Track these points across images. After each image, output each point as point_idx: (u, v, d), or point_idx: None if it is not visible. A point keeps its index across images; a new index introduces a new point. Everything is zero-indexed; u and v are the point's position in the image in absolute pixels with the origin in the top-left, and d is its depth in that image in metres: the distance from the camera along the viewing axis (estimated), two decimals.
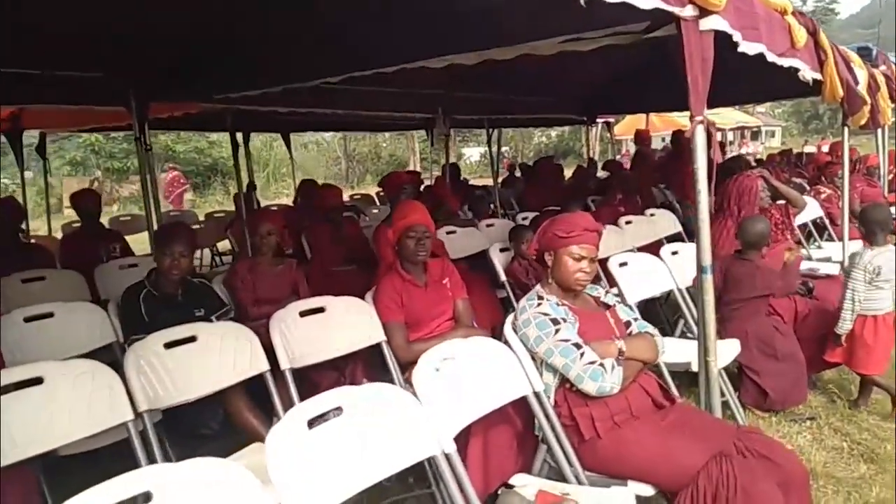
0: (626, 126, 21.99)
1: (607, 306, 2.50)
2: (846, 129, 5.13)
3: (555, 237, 2.39)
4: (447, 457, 1.85)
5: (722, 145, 9.58)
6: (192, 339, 2.47)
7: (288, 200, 15.76)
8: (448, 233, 5.16)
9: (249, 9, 3.11)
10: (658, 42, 2.83)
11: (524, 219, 5.92)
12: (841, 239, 6.01)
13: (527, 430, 2.42)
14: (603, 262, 3.65)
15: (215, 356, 2.47)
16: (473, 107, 7.64)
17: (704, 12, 2.33)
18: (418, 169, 29.99)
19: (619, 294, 3.49)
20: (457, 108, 7.32)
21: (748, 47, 2.83)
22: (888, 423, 3.40)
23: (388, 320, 2.86)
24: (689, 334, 3.72)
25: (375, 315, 2.87)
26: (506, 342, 2.35)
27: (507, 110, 8.24)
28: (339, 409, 1.76)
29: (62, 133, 20.62)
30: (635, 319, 2.50)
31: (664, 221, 5.69)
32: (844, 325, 3.43)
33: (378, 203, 9.30)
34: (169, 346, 2.40)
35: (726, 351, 3.38)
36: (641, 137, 9.35)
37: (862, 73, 5.02)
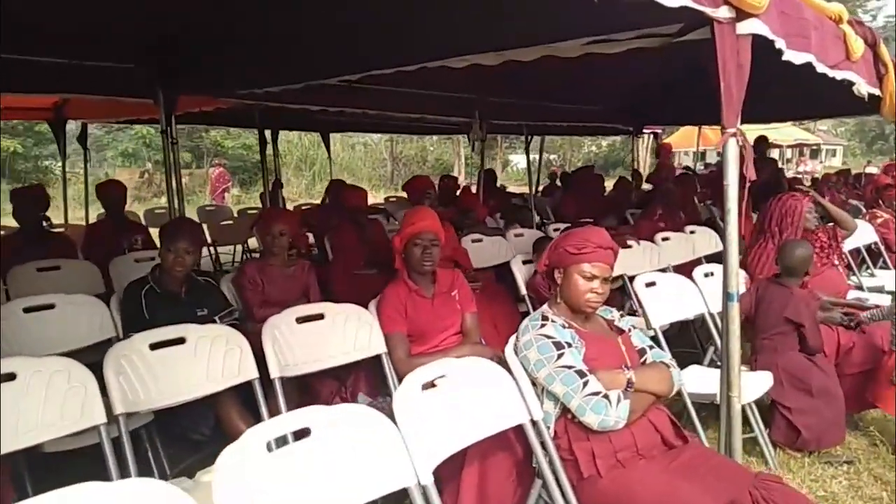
0: (680, 138, 21.48)
1: (621, 331, 2.30)
2: None
3: (565, 253, 2.21)
4: (423, 489, 1.69)
5: (774, 162, 9.15)
6: (180, 340, 2.37)
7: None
8: (474, 241, 5.00)
9: (277, 3, 3.03)
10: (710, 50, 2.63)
11: (556, 230, 5.72)
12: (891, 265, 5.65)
13: (528, 460, 2.24)
14: (630, 281, 3.45)
15: (203, 360, 2.36)
16: (512, 112, 7.47)
17: (742, 15, 2.12)
18: (462, 173, 29.95)
19: (644, 316, 3.27)
20: (494, 113, 7.16)
21: (794, 56, 2.60)
22: None
23: (389, 331, 2.72)
24: (718, 363, 3.46)
25: (377, 325, 2.73)
26: (506, 364, 2.18)
27: (548, 117, 8.04)
28: (306, 431, 1.62)
29: (116, 125, 21.34)
30: (651, 347, 2.30)
31: (704, 240, 5.40)
32: None
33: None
34: (155, 346, 2.31)
35: (756, 384, 3.13)
36: (663, 150, 9.05)
37: None
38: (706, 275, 3.67)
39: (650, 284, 3.38)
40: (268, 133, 5.58)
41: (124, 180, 23.98)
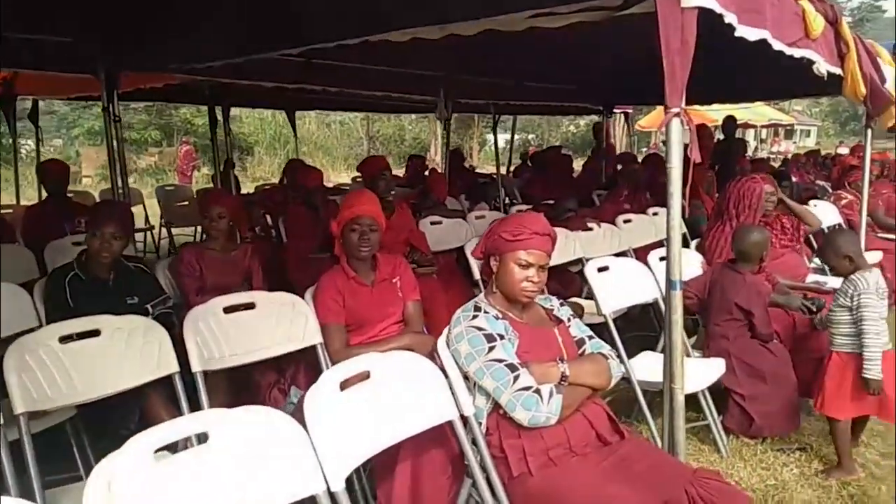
0: (654, 118, 21.42)
1: (559, 321, 2.20)
2: (869, 131, 4.74)
3: (500, 240, 2.09)
4: (332, 497, 1.57)
5: (743, 143, 9.05)
6: (94, 332, 2.22)
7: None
8: (433, 223, 4.88)
9: None
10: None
11: (519, 212, 5.61)
12: None
13: (463, 456, 2.14)
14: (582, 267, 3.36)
15: (119, 353, 2.22)
16: (479, 91, 7.32)
17: None
18: (438, 153, 29.63)
19: (595, 302, 3.18)
20: (461, 92, 7.00)
21: (747, 32, 2.48)
22: (888, 461, 3.06)
23: (326, 322, 2.59)
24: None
25: (313, 315, 2.60)
26: (438, 358, 2.07)
27: (516, 96, 7.89)
28: (204, 436, 1.50)
29: (83, 103, 20.73)
30: (590, 338, 2.19)
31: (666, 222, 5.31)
32: (876, 368, 2.78)
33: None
34: (65, 339, 2.16)
35: (708, 371, 3.07)
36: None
37: (890, 70, 4.60)
38: (662, 258, 3.57)
39: (603, 269, 3.28)
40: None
41: (92, 159, 23.31)
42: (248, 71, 4.92)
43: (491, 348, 1.92)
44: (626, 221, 4.99)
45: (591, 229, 4.72)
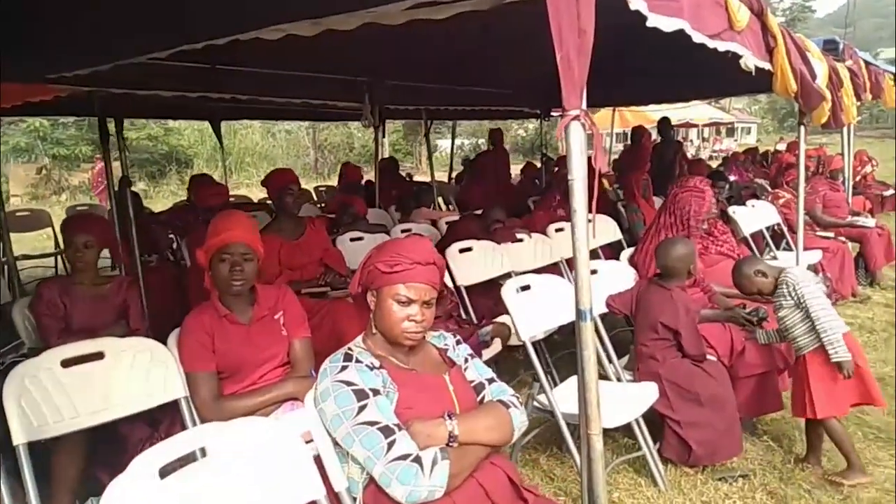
0: (599, 120, 21.44)
1: (453, 364, 1.86)
2: (802, 128, 4.57)
3: (376, 271, 1.76)
4: None
5: (680, 145, 8.98)
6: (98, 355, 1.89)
7: (249, 192, 14.86)
8: (353, 240, 4.52)
9: None
10: (620, 32, 2.23)
11: (448, 222, 5.30)
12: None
13: None
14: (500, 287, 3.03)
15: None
16: (409, 96, 6.98)
17: None
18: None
19: (514, 327, 2.86)
20: (390, 97, 6.66)
21: (661, 22, 2.20)
22: (835, 491, 2.81)
23: (191, 370, 2.20)
24: (602, 373, 3.10)
25: (176, 362, 2.21)
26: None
27: (449, 100, 7.59)
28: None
29: (6, 118, 19.63)
30: (490, 381, 1.87)
31: (601, 228, 5.07)
32: (842, 349, 2.68)
33: (316, 199, 8.60)
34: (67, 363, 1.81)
35: (639, 398, 2.78)
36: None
37: (821, 66, 4.44)
38: (591, 272, 3.28)
39: (524, 288, 2.97)
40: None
41: (20, 177, 22.24)
42: (143, 80, 4.50)
43: (361, 408, 1.57)
44: (558, 230, 4.72)
45: (521, 240, 4.43)
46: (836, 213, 6.40)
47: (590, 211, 1.83)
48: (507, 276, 4.06)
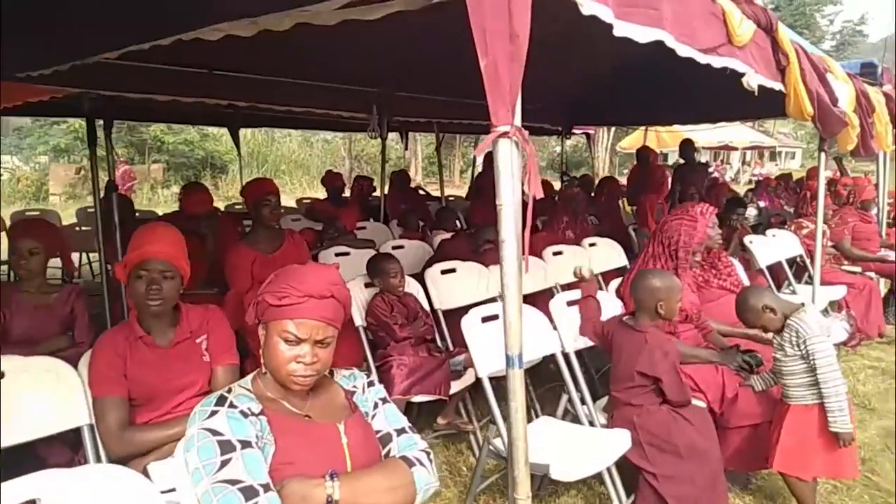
0: (635, 139, 21.04)
1: (355, 409, 1.63)
2: (823, 155, 4.25)
3: (265, 304, 1.54)
4: None
5: (705, 167, 8.67)
6: None
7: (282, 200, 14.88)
8: (338, 255, 4.33)
9: None
10: (643, 49, 2.03)
11: (444, 240, 5.07)
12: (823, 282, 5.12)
13: None
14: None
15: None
16: (421, 108, 6.82)
17: None
18: (419, 172, 29.25)
19: (472, 362, 2.63)
20: (398, 109, 6.50)
21: (632, 31, 1.97)
22: None
23: (98, 395, 2.02)
24: (573, 412, 2.83)
25: (84, 385, 2.03)
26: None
27: (462, 114, 7.39)
28: None
29: (48, 119, 20.11)
30: (400, 431, 1.63)
31: (605, 253, 4.79)
32: (843, 419, 2.43)
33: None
34: None
35: (609, 447, 2.51)
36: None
37: (846, 89, 4.12)
38: (569, 303, 3.03)
39: (488, 319, 2.73)
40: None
41: (60, 177, 22.85)
42: (137, 83, 4.41)
43: (224, 463, 1.35)
44: (556, 254, 4.46)
45: None
46: (866, 246, 5.98)
47: (523, 240, 1.60)
48: (493, 300, 3.83)
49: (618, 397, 2.62)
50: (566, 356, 2.84)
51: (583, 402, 2.80)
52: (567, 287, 4.27)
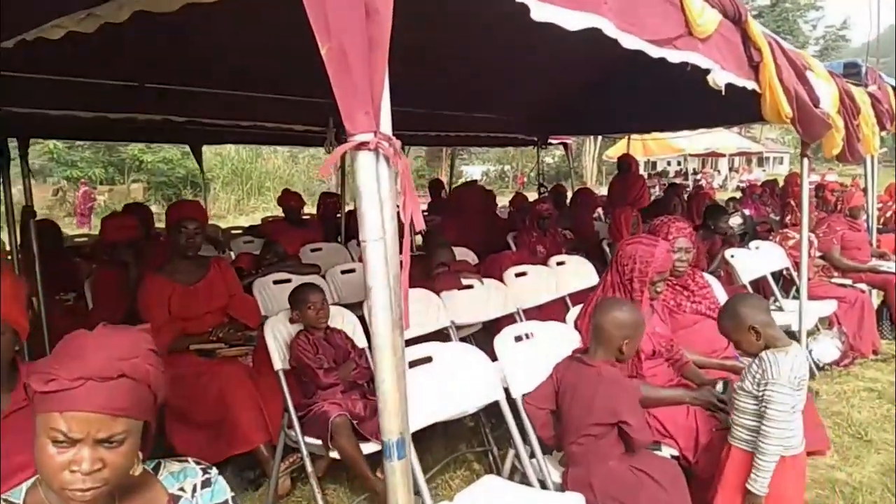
0: (623, 148, 20.79)
1: None
2: (806, 161, 3.89)
3: (31, 389, 1.13)
4: None
5: (684, 175, 8.40)
6: None
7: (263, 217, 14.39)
8: (276, 282, 3.93)
9: None
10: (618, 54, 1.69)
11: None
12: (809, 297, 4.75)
13: None
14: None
15: None
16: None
17: None
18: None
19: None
20: None
21: (557, 16, 1.59)
22: None
23: None
24: (521, 470, 2.42)
25: None
26: None
27: (432, 127, 7.03)
28: None
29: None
30: None
31: (574, 272, 4.39)
32: (763, 482, 2.10)
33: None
34: None
35: None
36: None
37: (829, 89, 3.77)
38: (518, 338, 2.63)
39: (420, 362, 2.33)
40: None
41: (37, 198, 22.53)
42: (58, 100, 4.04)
43: None
44: (518, 275, 4.06)
45: (470, 287, 3.78)
46: (856, 255, 5.63)
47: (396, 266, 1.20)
48: (441, 332, 3.44)
49: (572, 452, 2.21)
50: (512, 402, 2.42)
51: (532, 456, 2.39)
52: (532, 311, 3.90)
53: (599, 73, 6.07)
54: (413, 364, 2.31)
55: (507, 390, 2.44)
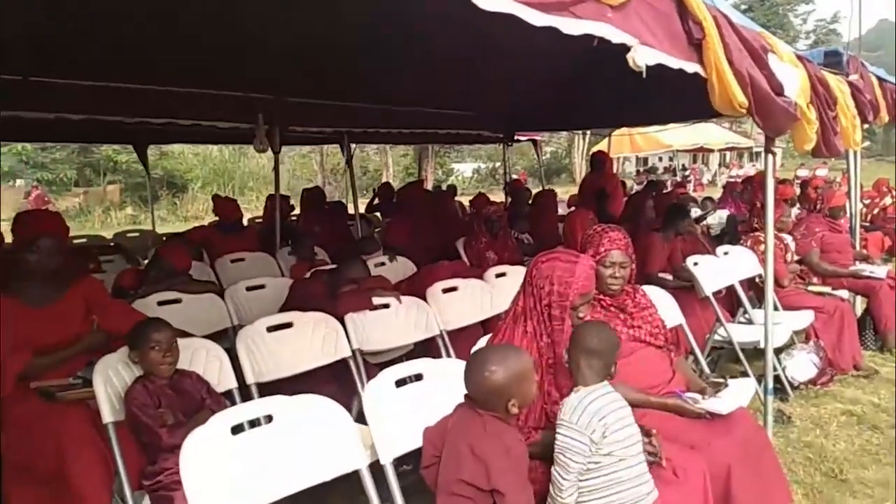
0: (613, 145, 20.28)
1: None
2: (770, 157, 3.40)
3: None
4: None
5: (652, 184, 8.03)
6: None
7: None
8: (163, 303, 3.42)
9: None
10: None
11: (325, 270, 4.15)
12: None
13: None
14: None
15: None
16: (321, 117, 5.94)
17: None
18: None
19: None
20: (293, 118, 5.64)
21: None
22: None
23: None
24: None
25: None
26: None
27: (378, 123, 6.53)
28: None
29: None
30: None
31: (515, 285, 3.85)
32: None
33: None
34: None
35: None
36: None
37: (796, 74, 3.28)
38: (401, 382, 2.12)
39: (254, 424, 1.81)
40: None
41: (10, 200, 22.06)
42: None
43: None
44: (446, 291, 3.55)
45: (386, 306, 3.28)
46: (836, 259, 5.15)
47: None
48: (341, 363, 2.94)
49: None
50: (378, 472, 1.91)
51: None
52: (458, 332, 3.41)
53: (567, 66, 5.61)
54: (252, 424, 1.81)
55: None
